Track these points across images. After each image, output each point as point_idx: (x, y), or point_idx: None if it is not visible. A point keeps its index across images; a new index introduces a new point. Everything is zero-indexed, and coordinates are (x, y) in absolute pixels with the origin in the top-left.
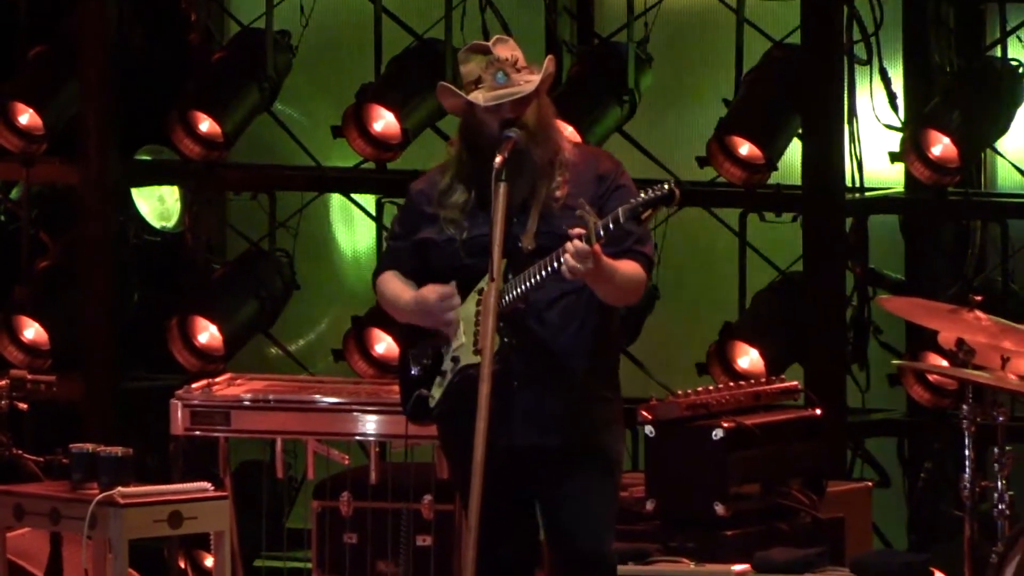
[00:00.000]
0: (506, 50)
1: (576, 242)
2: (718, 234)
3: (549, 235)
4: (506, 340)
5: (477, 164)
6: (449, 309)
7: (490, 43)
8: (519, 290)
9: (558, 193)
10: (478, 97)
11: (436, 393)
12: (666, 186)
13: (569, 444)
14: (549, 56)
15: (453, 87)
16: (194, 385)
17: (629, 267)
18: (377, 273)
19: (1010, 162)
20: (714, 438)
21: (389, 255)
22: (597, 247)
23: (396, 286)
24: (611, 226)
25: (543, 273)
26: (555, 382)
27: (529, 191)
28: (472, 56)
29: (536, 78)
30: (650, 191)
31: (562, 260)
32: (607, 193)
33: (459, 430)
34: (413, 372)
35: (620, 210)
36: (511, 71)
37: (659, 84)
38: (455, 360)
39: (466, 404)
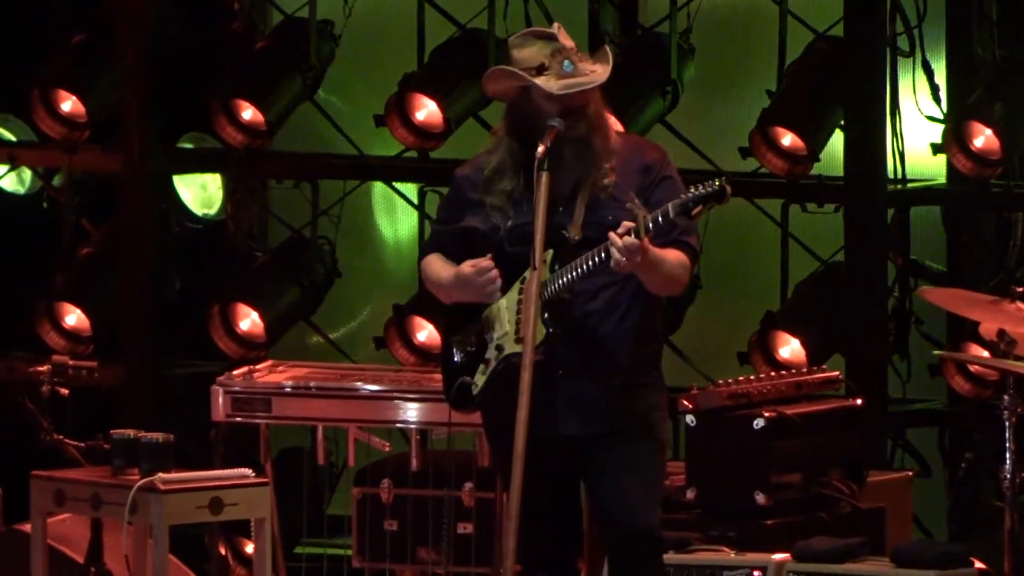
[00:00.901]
0: (568, 39)
1: (625, 236)
2: (760, 225)
3: (596, 225)
4: (551, 331)
5: (525, 151)
6: (488, 280)
7: (554, 30)
8: (564, 280)
9: (605, 182)
10: (550, 84)
11: (479, 381)
12: (717, 183)
13: (615, 431)
14: (605, 46)
15: (518, 71)
16: (235, 372)
17: (675, 257)
18: (422, 256)
19: None
20: (755, 427)
21: (433, 239)
22: (646, 241)
23: (438, 266)
24: (660, 220)
25: (590, 264)
26: (599, 371)
27: (579, 179)
28: (533, 41)
29: (601, 67)
30: (701, 187)
31: (610, 252)
32: (653, 184)
33: (502, 417)
34: (456, 359)
35: (670, 205)
36: (576, 59)
37: (702, 75)
38: (499, 348)
39: (509, 392)
